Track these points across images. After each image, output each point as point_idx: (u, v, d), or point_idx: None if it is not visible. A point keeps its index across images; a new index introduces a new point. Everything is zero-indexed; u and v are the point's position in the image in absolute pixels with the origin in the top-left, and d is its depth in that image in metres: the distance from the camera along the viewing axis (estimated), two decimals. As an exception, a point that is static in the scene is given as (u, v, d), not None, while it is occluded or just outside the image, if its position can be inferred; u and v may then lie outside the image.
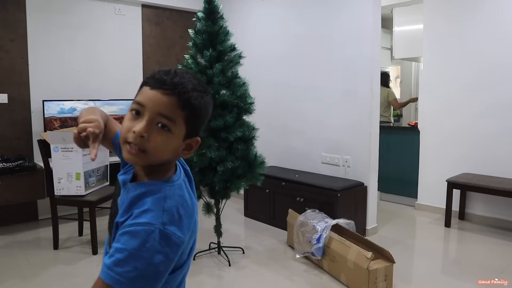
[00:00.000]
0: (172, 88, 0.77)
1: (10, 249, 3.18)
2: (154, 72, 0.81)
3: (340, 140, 3.66)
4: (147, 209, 0.75)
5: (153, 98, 0.77)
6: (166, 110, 0.76)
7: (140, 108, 0.78)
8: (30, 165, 3.41)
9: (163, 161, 0.82)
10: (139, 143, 0.76)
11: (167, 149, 0.79)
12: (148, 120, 0.76)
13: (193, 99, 0.78)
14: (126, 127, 0.79)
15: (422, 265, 2.99)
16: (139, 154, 0.77)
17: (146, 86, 0.79)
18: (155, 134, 0.77)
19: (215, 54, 2.82)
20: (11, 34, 3.69)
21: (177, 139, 0.80)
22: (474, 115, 3.84)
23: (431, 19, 4.09)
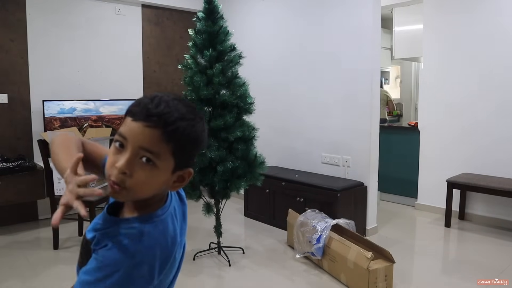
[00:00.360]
0: (156, 120, 0.70)
1: (10, 249, 3.18)
2: (139, 99, 0.75)
3: (340, 140, 3.66)
4: (120, 247, 0.72)
5: (135, 131, 0.71)
6: (149, 144, 0.70)
7: (123, 141, 0.72)
8: (30, 165, 3.41)
9: (149, 197, 0.76)
10: (121, 181, 0.71)
11: (152, 184, 0.74)
12: (130, 155, 0.71)
13: (179, 131, 0.72)
14: (110, 161, 0.74)
15: (422, 265, 2.99)
16: (122, 191, 0.72)
17: (129, 116, 0.73)
18: (138, 170, 0.71)
19: (215, 54, 2.82)
20: (11, 34, 3.69)
21: (164, 173, 0.74)
22: (474, 115, 3.84)
23: (431, 19, 4.09)
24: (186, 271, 2.78)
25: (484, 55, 3.74)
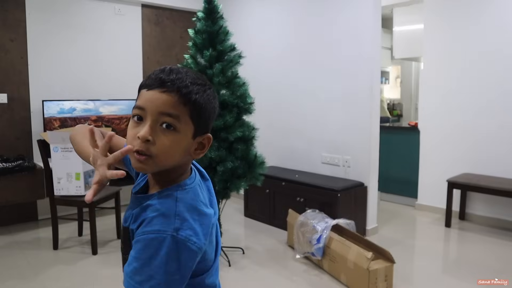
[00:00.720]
0: (170, 85, 0.73)
1: (10, 249, 3.17)
2: (149, 74, 0.77)
3: (340, 140, 3.66)
4: (158, 215, 0.71)
5: (152, 98, 0.73)
6: (168, 108, 0.72)
7: (141, 112, 0.74)
8: (30, 165, 3.40)
9: (174, 166, 0.77)
10: (146, 149, 0.72)
11: (176, 150, 0.74)
12: (151, 122, 0.72)
13: (193, 93, 0.74)
14: (130, 135, 0.75)
15: (422, 265, 2.99)
16: (147, 161, 0.73)
17: (143, 88, 0.76)
18: (161, 136, 0.72)
19: (215, 54, 2.81)
20: (11, 34, 3.69)
21: (185, 138, 0.75)
22: (474, 115, 3.84)
23: (431, 19, 4.09)
24: (186, 271, 2.78)
25: (484, 55, 3.74)
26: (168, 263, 0.68)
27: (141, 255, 0.68)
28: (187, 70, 0.78)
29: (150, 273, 0.67)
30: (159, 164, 0.74)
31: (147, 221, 0.71)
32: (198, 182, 0.81)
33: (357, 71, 3.47)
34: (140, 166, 0.74)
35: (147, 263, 0.68)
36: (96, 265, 2.89)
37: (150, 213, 0.72)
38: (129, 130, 0.76)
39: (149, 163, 0.73)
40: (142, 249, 0.69)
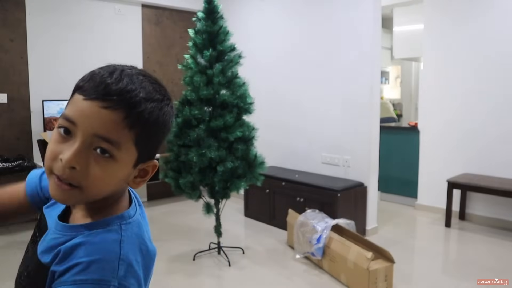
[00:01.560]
0: (116, 99, 0.54)
1: (10, 249, 3.17)
2: (92, 72, 0.60)
3: (340, 140, 3.66)
4: (97, 259, 0.54)
5: (88, 113, 0.55)
6: (107, 131, 0.54)
7: (70, 126, 0.56)
8: (30, 165, 3.40)
9: (106, 196, 0.60)
10: (70, 177, 0.55)
11: (110, 182, 0.58)
12: (80, 144, 0.55)
13: (146, 113, 0.56)
14: (51, 151, 0.56)
15: (422, 265, 2.99)
16: (70, 191, 0.56)
17: (79, 93, 0.57)
18: (92, 163, 0.55)
19: (215, 54, 2.81)
20: (11, 34, 3.69)
21: (123, 167, 0.58)
22: (475, 115, 3.83)
23: (431, 19, 4.09)
24: (186, 271, 2.78)
25: (484, 55, 3.74)
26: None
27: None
28: (143, 78, 0.60)
29: None
30: (87, 197, 0.58)
31: (81, 267, 0.54)
32: (139, 213, 0.67)
33: (357, 71, 3.47)
34: (61, 198, 0.57)
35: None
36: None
37: (85, 255, 0.55)
38: (50, 143, 0.58)
39: (75, 194, 0.56)
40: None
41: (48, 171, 0.57)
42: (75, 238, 0.58)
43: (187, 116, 2.78)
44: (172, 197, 4.61)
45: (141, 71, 0.62)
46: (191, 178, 2.78)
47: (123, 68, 0.61)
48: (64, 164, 0.54)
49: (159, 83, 0.63)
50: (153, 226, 3.80)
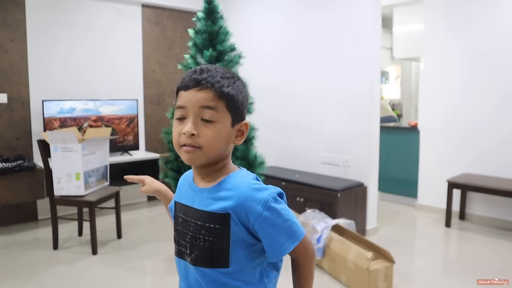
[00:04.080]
0: (204, 83, 0.82)
1: (10, 249, 3.17)
2: (183, 76, 0.87)
3: (340, 140, 3.66)
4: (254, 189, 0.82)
5: (191, 97, 0.82)
6: (206, 102, 0.81)
7: (183, 111, 0.83)
8: (30, 165, 3.40)
9: (220, 155, 0.86)
10: (192, 142, 0.81)
11: (219, 139, 0.83)
12: (193, 118, 0.82)
13: (225, 86, 0.83)
14: (175, 133, 0.84)
15: (422, 265, 2.99)
16: (196, 151, 0.82)
17: (181, 90, 0.85)
18: (203, 128, 0.81)
19: (215, 54, 2.81)
20: (11, 34, 3.68)
21: (225, 127, 0.83)
22: (475, 115, 3.83)
23: (431, 19, 4.09)
24: (186, 271, 2.78)
25: (484, 55, 3.74)
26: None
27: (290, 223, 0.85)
28: (215, 67, 0.86)
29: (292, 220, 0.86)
30: (207, 154, 0.83)
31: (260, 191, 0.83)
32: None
33: (357, 71, 3.47)
34: (190, 157, 0.83)
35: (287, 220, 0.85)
36: (96, 265, 2.89)
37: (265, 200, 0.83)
38: (174, 129, 0.85)
39: (198, 153, 0.82)
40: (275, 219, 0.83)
41: (178, 146, 0.84)
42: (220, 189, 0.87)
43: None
44: (172, 197, 4.61)
45: (214, 65, 0.87)
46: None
47: (201, 66, 0.86)
48: (187, 133, 0.81)
49: (228, 70, 0.88)
50: (153, 226, 3.81)
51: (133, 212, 4.19)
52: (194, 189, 0.90)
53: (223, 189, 0.85)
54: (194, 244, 0.86)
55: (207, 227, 0.84)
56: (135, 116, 4.23)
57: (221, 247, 0.83)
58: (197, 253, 0.85)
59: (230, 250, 0.84)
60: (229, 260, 0.84)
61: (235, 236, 0.83)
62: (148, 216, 4.16)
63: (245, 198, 0.81)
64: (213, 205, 0.84)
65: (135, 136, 4.25)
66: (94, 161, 3.13)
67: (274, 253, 0.85)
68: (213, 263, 0.84)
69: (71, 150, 2.96)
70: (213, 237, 0.83)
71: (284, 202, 0.85)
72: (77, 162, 2.96)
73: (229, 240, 0.83)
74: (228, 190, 0.84)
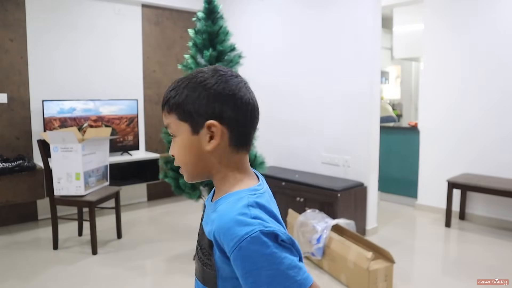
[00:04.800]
0: (163, 105, 0.82)
1: (10, 249, 3.17)
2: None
3: (340, 140, 3.66)
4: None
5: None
6: (165, 123, 0.82)
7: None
8: (30, 165, 3.40)
9: (206, 168, 0.80)
10: (176, 163, 0.82)
11: (183, 152, 0.80)
12: (171, 140, 0.83)
13: (172, 97, 0.79)
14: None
15: (422, 265, 2.99)
16: (181, 171, 0.83)
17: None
18: (173, 146, 0.82)
19: (215, 54, 2.81)
20: (11, 34, 3.69)
21: (183, 138, 0.79)
22: (474, 115, 3.83)
23: (431, 19, 4.09)
24: (185, 271, 2.78)
25: (484, 55, 3.74)
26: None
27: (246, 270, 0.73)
28: (180, 78, 0.81)
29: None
30: (186, 171, 0.82)
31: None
32: (267, 191, 0.86)
33: (357, 71, 3.47)
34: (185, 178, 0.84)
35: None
36: (96, 265, 2.89)
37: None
38: None
39: (183, 172, 0.82)
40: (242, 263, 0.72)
41: None
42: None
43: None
44: (172, 197, 4.61)
45: (185, 76, 0.81)
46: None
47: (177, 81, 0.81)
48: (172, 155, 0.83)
49: (188, 76, 0.80)
50: (153, 226, 3.81)
51: (133, 212, 4.19)
52: (207, 203, 0.86)
53: (215, 210, 0.76)
54: (199, 261, 0.80)
55: (202, 246, 0.78)
56: (135, 116, 4.23)
57: (210, 270, 0.75)
58: (200, 271, 0.80)
59: (217, 277, 0.74)
60: (217, 286, 0.75)
61: (220, 267, 0.73)
62: (148, 216, 4.16)
63: (224, 229, 0.68)
64: (207, 225, 0.77)
65: (135, 136, 4.25)
66: (94, 161, 3.13)
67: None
68: (205, 282, 0.78)
69: (71, 150, 2.96)
70: (204, 257, 0.76)
71: (275, 244, 0.66)
72: (77, 162, 2.96)
73: (215, 267, 0.73)
74: (217, 212, 0.74)
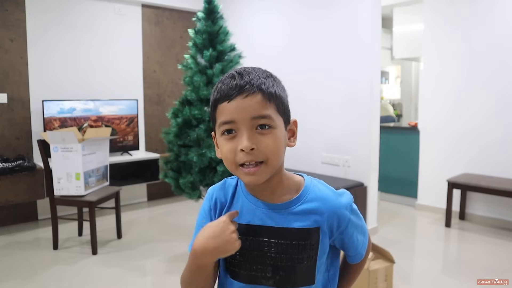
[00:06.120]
0: (249, 87, 0.72)
1: (10, 250, 3.17)
2: (216, 88, 0.76)
3: (340, 140, 3.66)
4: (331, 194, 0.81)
5: (239, 107, 0.71)
6: (259, 110, 0.72)
7: (231, 126, 0.73)
8: (30, 165, 3.40)
9: (281, 164, 0.77)
10: (253, 157, 0.71)
11: (280, 145, 0.74)
12: (247, 131, 0.71)
13: (271, 86, 0.75)
14: (228, 150, 0.73)
15: (422, 265, 2.99)
16: (260, 168, 0.72)
17: (221, 102, 0.74)
18: (261, 139, 0.72)
19: (215, 54, 2.81)
20: (11, 34, 3.69)
21: (281, 131, 0.75)
22: (474, 115, 3.83)
23: (431, 19, 4.09)
24: (186, 271, 2.78)
25: (484, 55, 3.74)
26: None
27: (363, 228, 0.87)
28: (251, 68, 0.77)
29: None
30: (272, 167, 0.74)
31: (353, 219, 0.82)
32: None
33: (357, 71, 3.47)
34: (255, 178, 0.73)
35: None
36: (96, 265, 2.89)
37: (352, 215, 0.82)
38: (222, 147, 0.75)
39: (263, 169, 0.72)
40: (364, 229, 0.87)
41: (234, 166, 0.74)
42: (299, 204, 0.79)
43: (187, 116, 2.78)
44: (172, 197, 4.61)
45: (245, 67, 0.78)
46: (191, 178, 2.78)
47: (234, 71, 0.76)
48: (246, 149, 0.70)
49: (260, 68, 0.79)
50: (153, 226, 3.81)
51: (133, 212, 4.19)
52: (265, 206, 0.79)
53: (305, 201, 0.78)
54: (279, 265, 0.77)
55: (295, 244, 0.76)
56: (135, 116, 4.23)
57: (309, 263, 0.77)
58: (283, 274, 0.77)
59: (316, 265, 0.79)
60: (315, 275, 0.79)
61: (321, 249, 0.79)
62: (148, 216, 4.16)
63: (335, 207, 0.78)
64: (299, 221, 0.77)
65: (135, 136, 4.25)
66: (94, 161, 3.13)
67: (358, 254, 0.85)
68: (301, 281, 0.78)
69: (71, 150, 2.96)
70: (301, 255, 0.77)
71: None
72: (77, 162, 2.96)
73: (317, 254, 0.78)
74: (312, 201, 0.78)
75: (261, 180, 0.73)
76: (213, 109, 0.76)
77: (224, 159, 0.75)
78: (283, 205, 0.78)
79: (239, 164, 0.73)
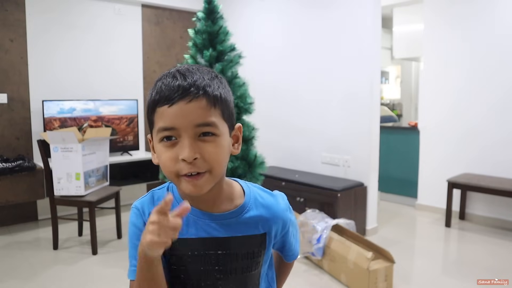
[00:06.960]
0: (194, 90, 0.64)
1: (10, 250, 3.17)
2: (156, 87, 0.68)
3: (340, 140, 3.66)
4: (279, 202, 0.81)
5: (182, 113, 0.64)
6: (203, 117, 0.65)
7: (172, 133, 0.66)
8: (30, 165, 3.40)
9: (223, 172, 0.72)
10: (196, 168, 0.65)
11: (224, 154, 0.69)
12: (189, 139, 0.65)
13: (216, 89, 0.67)
14: (167, 158, 0.66)
15: (422, 265, 2.99)
16: (202, 178, 0.66)
17: (161, 106, 0.66)
18: (205, 147, 0.66)
19: (215, 54, 2.81)
20: (11, 34, 3.68)
21: (225, 139, 0.69)
22: (475, 115, 3.83)
23: (431, 19, 4.09)
24: (186, 271, 2.78)
25: (484, 55, 3.74)
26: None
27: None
28: (194, 67, 0.69)
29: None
30: (216, 176, 0.69)
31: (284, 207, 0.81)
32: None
33: (357, 71, 3.47)
34: (198, 188, 0.67)
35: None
36: (96, 265, 2.89)
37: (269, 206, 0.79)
38: (161, 155, 0.67)
39: (206, 179, 0.67)
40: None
41: (175, 175, 0.67)
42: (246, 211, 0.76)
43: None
44: (172, 197, 4.60)
45: (188, 65, 0.71)
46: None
47: (173, 70, 0.69)
48: (188, 159, 0.64)
49: (204, 67, 0.72)
50: (153, 226, 3.81)
51: (133, 212, 4.18)
52: (207, 216, 0.73)
53: (250, 209, 0.75)
54: (228, 277, 0.73)
55: (244, 253, 0.74)
56: (135, 116, 4.23)
57: (256, 270, 0.76)
58: (233, 286, 0.75)
59: (261, 271, 0.78)
60: (260, 281, 0.79)
61: (267, 254, 0.79)
62: (148, 216, 4.15)
63: (279, 211, 0.78)
64: (246, 229, 0.74)
65: (135, 136, 4.25)
66: (94, 161, 3.13)
67: (296, 252, 0.88)
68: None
69: (71, 150, 2.96)
70: (249, 263, 0.74)
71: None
72: (77, 162, 2.96)
73: (263, 260, 0.78)
74: (256, 208, 0.76)
75: (204, 190, 0.68)
76: (151, 111, 0.68)
77: (163, 167, 0.68)
78: (228, 214, 0.74)
79: (181, 174, 0.67)
